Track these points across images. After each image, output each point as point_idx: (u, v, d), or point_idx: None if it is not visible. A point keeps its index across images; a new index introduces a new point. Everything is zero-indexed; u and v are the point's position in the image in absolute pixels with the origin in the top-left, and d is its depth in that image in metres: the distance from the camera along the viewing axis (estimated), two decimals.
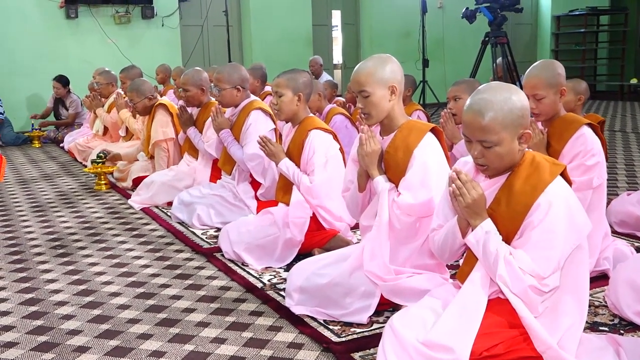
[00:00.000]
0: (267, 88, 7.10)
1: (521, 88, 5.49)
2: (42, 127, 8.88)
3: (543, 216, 2.01)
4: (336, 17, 12.77)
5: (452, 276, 2.80)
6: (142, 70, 7.01)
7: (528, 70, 3.18)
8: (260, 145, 3.48)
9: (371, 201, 2.82)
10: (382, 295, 2.60)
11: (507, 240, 2.09)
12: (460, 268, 2.28)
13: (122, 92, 6.46)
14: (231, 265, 3.34)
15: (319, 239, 3.41)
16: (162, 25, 10.29)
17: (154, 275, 3.23)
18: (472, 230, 2.11)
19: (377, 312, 2.62)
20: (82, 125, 8.40)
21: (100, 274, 3.28)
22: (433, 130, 2.67)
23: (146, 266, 3.39)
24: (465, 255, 2.27)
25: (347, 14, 12.67)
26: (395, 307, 2.66)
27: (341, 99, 6.96)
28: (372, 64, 2.65)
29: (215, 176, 4.67)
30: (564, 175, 2.09)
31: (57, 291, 3.05)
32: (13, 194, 5.35)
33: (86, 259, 3.53)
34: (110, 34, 9.84)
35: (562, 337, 2.03)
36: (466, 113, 2.10)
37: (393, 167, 2.66)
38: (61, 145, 8.20)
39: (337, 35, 13.15)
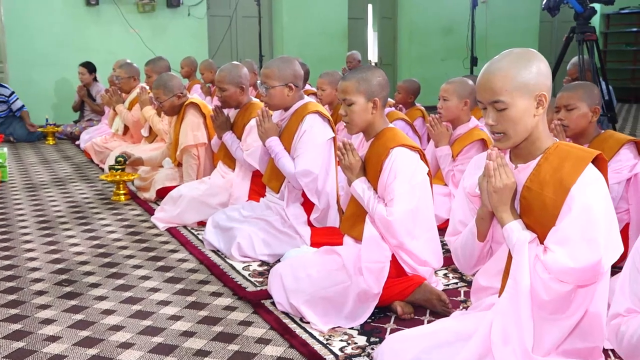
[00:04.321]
0: (308, 87, 6.37)
1: (608, 93, 4.54)
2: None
3: None
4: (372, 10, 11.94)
5: None
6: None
7: None
8: (339, 151, 2.69)
9: (494, 253, 2.03)
10: None
11: None
12: None
13: (147, 87, 5.70)
14: (286, 321, 2.55)
15: (400, 289, 2.61)
16: (189, 15, 9.55)
17: (187, 335, 2.45)
18: None
19: None
20: (100, 122, 7.70)
21: (115, 329, 2.51)
22: (595, 160, 1.86)
23: (175, 318, 2.61)
24: None
25: (384, 7, 11.81)
26: None
27: (390, 100, 6.15)
28: (509, 63, 1.85)
29: (255, 191, 3.89)
30: None
31: (59, 358, 2.29)
32: (18, 204, 4.61)
33: (98, 304, 2.76)
34: (133, 23, 9.12)
35: None
36: None
37: (537, 210, 1.86)
38: (77, 142, 7.48)
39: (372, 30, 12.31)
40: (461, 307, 2.67)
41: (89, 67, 8.06)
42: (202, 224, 3.90)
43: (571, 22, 5.12)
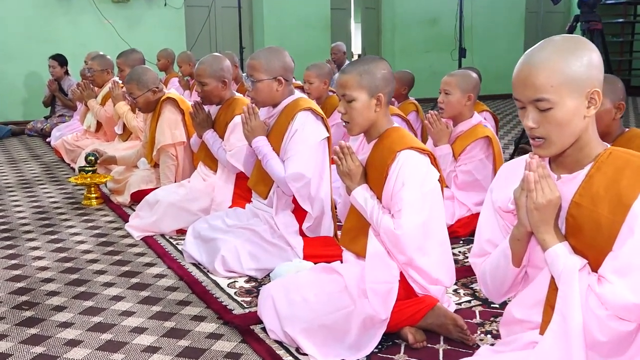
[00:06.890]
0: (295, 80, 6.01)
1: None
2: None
3: None
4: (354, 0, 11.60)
5: None
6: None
7: None
8: (336, 155, 2.36)
9: (530, 279, 1.72)
10: None
11: None
12: None
13: (120, 81, 5.31)
14: (280, 352, 2.21)
15: (411, 312, 2.28)
16: (165, 5, 9.13)
17: None
18: None
19: None
20: (72, 118, 7.27)
21: None
22: None
23: (152, 350, 2.26)
24: None
25: None
26: None
27: None
28: (554, 53, 1.52)
29: (240, 196, 3.55)
30: None
31: None
32: None
33: (62, 332, 2.40)
34: (107, 13, 8.67)
35: None
36: None
37: (588, 230, 1.54)
38: (48, 140, 7.06)
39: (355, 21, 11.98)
40: (479, 332, 2.36)
41: (60, 59, 7.64)
42: (181, 232, 3.55)
43: (557, 12, 4.84)
